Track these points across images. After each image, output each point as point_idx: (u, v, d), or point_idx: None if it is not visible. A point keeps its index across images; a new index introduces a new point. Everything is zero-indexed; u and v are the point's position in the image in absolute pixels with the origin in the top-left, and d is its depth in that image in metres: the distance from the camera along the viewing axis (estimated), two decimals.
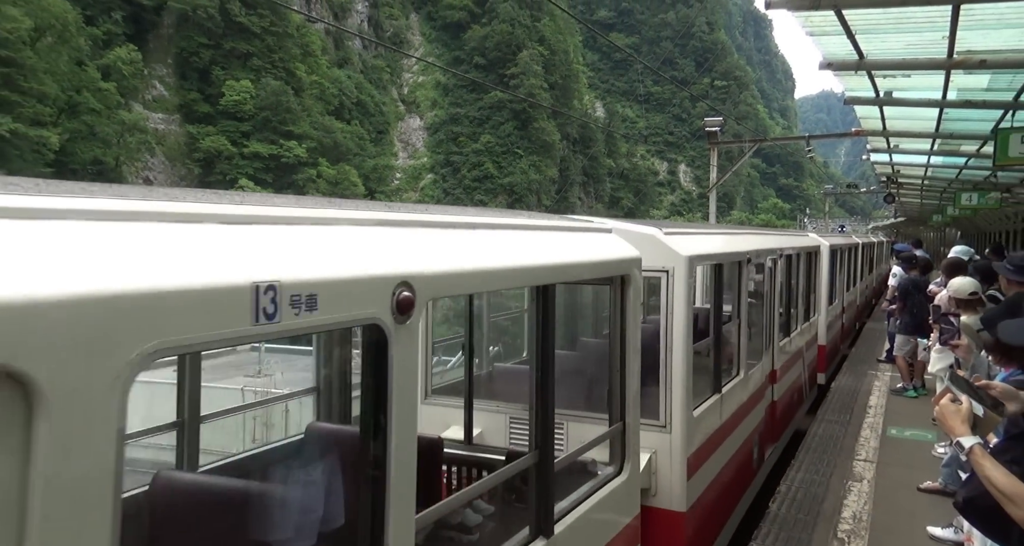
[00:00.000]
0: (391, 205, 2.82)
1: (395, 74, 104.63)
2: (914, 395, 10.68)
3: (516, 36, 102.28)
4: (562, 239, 3.66)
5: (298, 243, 1.88)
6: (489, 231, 3.01)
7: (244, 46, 71.75)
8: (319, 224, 2.05)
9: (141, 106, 63.47)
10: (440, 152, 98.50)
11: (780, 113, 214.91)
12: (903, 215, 48.71)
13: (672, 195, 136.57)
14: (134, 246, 1.45)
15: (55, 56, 49.84)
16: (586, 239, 3.92)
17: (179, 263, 1.50)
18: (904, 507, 6.44)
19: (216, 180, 64.17)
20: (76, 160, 49.98)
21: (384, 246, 2.24)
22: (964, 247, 10.96)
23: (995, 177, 16.42)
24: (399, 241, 2.35)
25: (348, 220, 2.21)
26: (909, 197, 30.63)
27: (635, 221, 5.43)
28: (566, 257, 3.46)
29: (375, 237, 2.25)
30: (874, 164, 21.71)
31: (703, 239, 5.94)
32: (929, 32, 7.00)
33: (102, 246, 1.38)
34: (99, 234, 1.40)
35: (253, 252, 1.71)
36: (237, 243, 1.70)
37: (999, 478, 2.14)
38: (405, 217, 2.55)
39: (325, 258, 1.91)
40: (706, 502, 5.50)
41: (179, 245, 1.55)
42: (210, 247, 1.62)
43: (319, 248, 1.94)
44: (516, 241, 3.19)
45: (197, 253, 1.57)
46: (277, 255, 1.76)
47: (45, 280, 1.21)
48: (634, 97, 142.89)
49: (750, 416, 7.13)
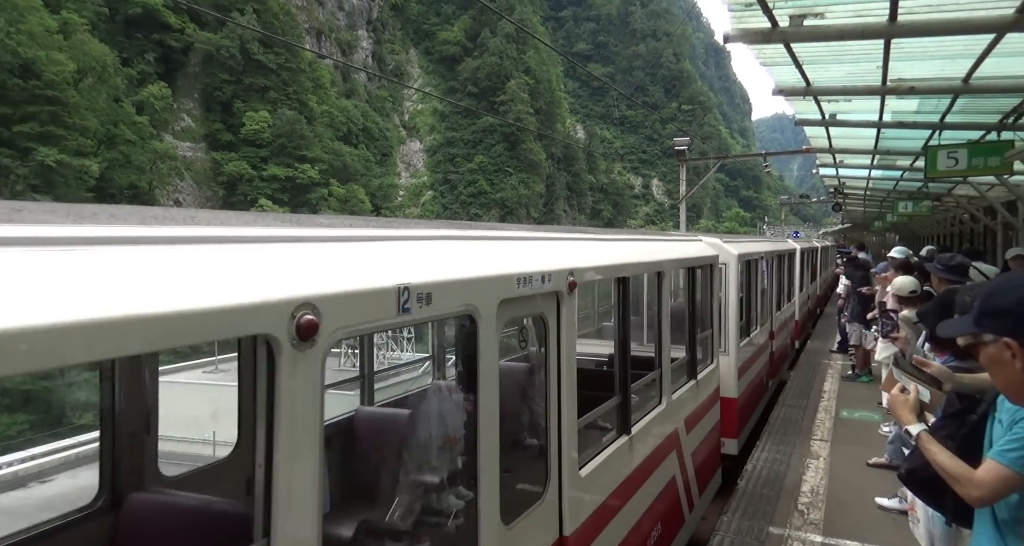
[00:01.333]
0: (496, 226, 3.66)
1: (397, 103, 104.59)
2: (867, 380, 10.78)
3: (504, 67, 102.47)
4: (684, 245, 6.07)
5: (414, 255, 2.35)
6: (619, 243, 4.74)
7: (262, 81, 71.59)
8: (424, 240, 2.56)
9: (171, 136, 63.19)
10: (439, 171, 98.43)
11: (740, 133, 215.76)
12: (849, 222, 48.99)
13: (647, 206, 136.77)
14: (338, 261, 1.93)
15: (95, 94, 49.63)
16: (690, 245, 6.21)
17: (355, 272, 1.92)
18: (855, 481, 6.50)
19: (238, 200, 63.89)
20: (114, 185, 49.69)
21: (482, 258, 2.76)
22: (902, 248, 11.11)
23: (927, 188, 16.56)
24: (505, 253, 3.07)
25: (440, 237, 2.73)
26: (854, 206, 30.80)
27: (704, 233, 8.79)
28: (683, 253, 5.75)
29: (460, 251, 2.70)
30: (823, 177, 21.81)
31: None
32: (865, 62, 7.08)
33: (318, 260, 1.85)
34: (324, 253, 1.91)
35: (396, 262, 2.16)
36: (387, 256, 2.18)
37: (945, 461, 2.18)
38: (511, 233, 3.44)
39: (434, 266, 2.35)
40: (746, 394, 8.33)
41: (357, 259, 2.02)
42: (371, 259, 2.08)
43: (429, 259, 2.41)
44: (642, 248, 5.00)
45: (370, 264, 2.04)
46: (411, 264, 2.22)
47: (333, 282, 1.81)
48: (611, 120, 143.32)
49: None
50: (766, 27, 5.78)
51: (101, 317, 1.19)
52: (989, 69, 6.67)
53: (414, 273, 2.13)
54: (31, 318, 1.10)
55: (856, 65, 7.25)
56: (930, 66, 7.03)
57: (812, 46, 6.65)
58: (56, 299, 1.16)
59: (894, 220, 24.60)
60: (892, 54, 6.45)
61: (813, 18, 5.67)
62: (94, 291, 1.22)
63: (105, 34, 56.50)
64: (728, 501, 6.21)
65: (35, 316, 1.11)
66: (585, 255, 3.77)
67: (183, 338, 1.36)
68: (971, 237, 21.53)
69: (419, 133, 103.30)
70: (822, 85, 8.03)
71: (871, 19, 5.55)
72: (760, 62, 7.31)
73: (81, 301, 1.19)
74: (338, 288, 1.79)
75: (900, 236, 35.20)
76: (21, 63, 43.21)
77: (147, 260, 1.40)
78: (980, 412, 2.33)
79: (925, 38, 6.04)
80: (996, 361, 1.96)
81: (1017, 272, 6.23)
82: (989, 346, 1.98)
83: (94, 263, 1.28)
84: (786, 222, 70.31)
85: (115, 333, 1.22)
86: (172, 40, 64.50)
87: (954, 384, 2.62)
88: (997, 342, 1.94)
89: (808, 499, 6.08)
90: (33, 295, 1.14)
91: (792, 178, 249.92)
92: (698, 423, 5.87)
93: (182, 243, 1.51)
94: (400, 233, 2.49)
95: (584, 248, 3.94)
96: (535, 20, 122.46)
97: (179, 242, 1.51)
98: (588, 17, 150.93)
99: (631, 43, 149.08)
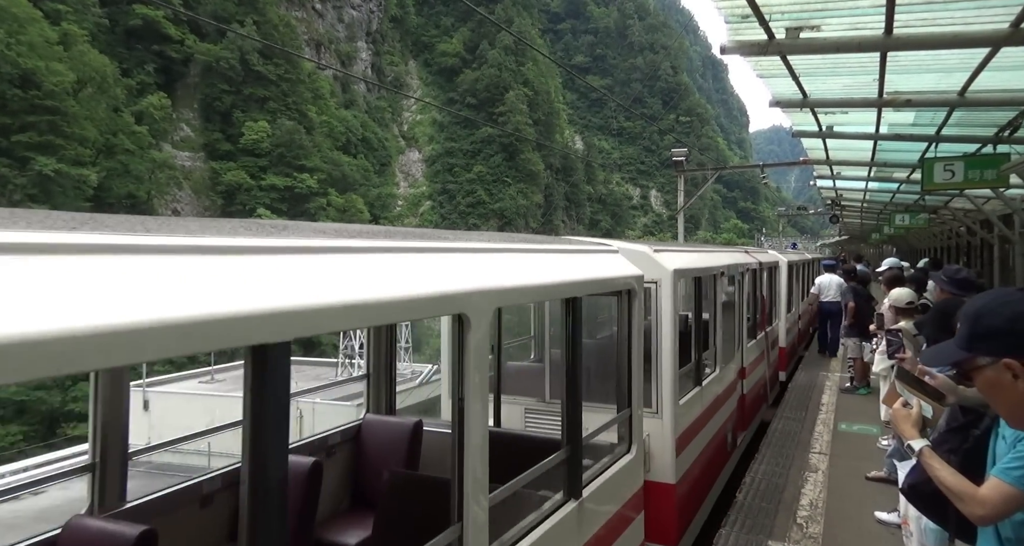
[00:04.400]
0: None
1: (396, 113, 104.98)
2: (865, 393, 10.72)
3: (503, 79, 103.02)
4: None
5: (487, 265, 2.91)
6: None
7: (261, 91, 71.80)
8: (496, 252, 3.10)
9: (170, 146, 63.24)
10: (437, 182, 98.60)
11: (737, 145, 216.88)
12: (847, 233, 49.11)
13: (645, 217, 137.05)
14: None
15: (94, 104, 49.66)
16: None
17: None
18: (854, 494, 6.45)
19: (237, 210, 63.85)
20: (112, 195, 49.65)
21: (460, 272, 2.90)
22: (894, 259, 11.12)
23: (923, 200, 16.64)
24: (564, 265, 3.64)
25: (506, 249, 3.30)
26: (851, 217, 30.92)
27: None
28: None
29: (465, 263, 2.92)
30: (820, 189, 21.92)
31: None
32: (862, 75, 7.13)
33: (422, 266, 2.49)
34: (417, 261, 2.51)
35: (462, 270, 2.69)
36: (480, 267, 2.83)
37: (947, 478, 2.13)
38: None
39: (505, 275, 2.93)
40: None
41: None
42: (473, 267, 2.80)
43: (497, 270, 2.93)
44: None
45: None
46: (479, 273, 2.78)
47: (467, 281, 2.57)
48: (609, 131, 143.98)
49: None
50: (763, 39, 5.82)
51: (380, 297, 2.07)
52: (985, 82, 6.71)
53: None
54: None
55: (853, 77, 7.30)
56: (926, 79, 7.07)
57: (809, 58, 6.69)
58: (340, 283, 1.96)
59: (891, 232, 24.67)
60: (888, 67, 6.50)
61: (809, 30, 5.71)
62: (374, 282, 2.12)
63: (105, 45, 56.69)
64: (727, 514, 6.15)
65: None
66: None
67: (426, 313, 2.34)
68: (968, 250, 21.57)
69: (418, 143, 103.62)
70: (819, 97, 8.08)
71: (867, 32, 5.59)
72: (757, 74, 7.35)
73: (383, 285, 2.15)
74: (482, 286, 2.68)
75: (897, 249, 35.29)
76: (21, 73, 43.31)
77: (400, 264, 2.36)
78: (984, 427, 2.30)
79: (921, 51, 6.08)
80: (995, 384, 1.89)
81: (996, 289, 6.23)
82: (986, 370, 1.90)
83: (372, 265, 2.22)
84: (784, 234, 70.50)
85: (394, 307, 2.13)
86: (172, 51, 64.72)
87: (957, 397, 2.59)
88: (996, 364, 1.87)
89: (807, 512, 6.03)
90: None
91: (790, 190, 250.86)
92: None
93: (416, 252, 2.55)
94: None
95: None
96: (534, 33, 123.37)
97: (419, 251, 2.57)
98: (586, 30, 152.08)
99: (629, 56, 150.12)
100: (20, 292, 1.16)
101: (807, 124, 9.72)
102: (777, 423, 9.26)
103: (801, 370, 13.20)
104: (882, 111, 8.41)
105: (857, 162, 12.84)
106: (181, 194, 62.96)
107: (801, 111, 8.81)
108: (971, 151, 9.42)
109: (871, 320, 9.13)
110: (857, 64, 6.75)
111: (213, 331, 1.44)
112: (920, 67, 6.68)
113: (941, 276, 5.62)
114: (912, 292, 6.79)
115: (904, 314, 6.61)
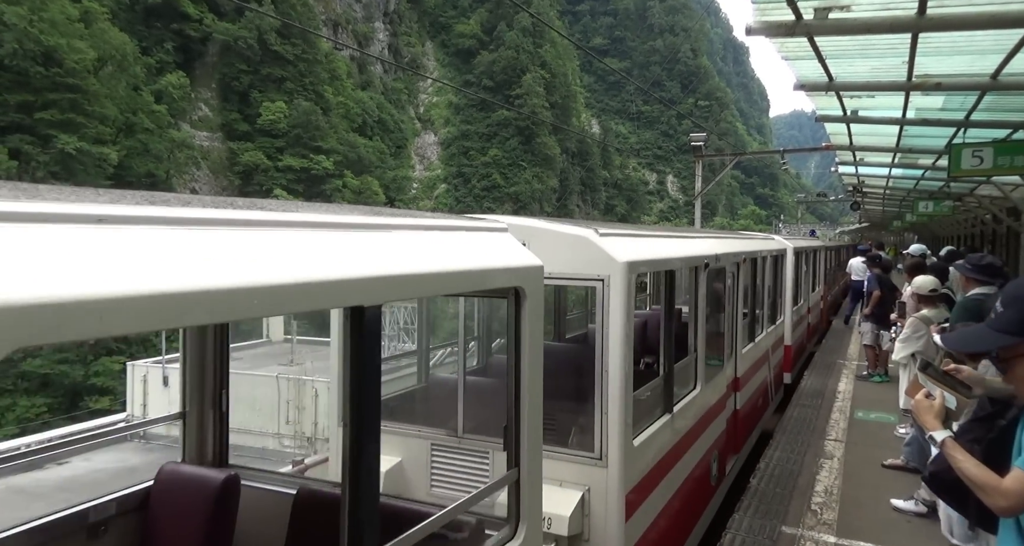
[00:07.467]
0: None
1: (412, 95, 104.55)
2: (879, 380, 10.64)
3: (520, 61, 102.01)
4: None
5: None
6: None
7: (279, 71, 71.80)
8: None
9: (188, 125, 63.61)
10: (453, 165, 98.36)
11: (757, 130, 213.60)
12: (867, 221, 48.42)
13: (661, 203, 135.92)
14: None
15: (115, 82, 50.00)
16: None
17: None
18: (870, 482, 6.42)
19: (254, 190, 64.25)
20: (132, 174, 50.14)
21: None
22: (919, 246, 10.94)
23: (948, 187, 16.32)
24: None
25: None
26: (872, 205, 30.43)
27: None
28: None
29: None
30: (842, 175, 21.58)
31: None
32: (891, 57, 6.96)
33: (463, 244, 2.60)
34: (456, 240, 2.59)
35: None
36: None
37: (970, 469, 2.12)
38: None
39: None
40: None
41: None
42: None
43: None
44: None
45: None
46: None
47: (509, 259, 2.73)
48: (626, 115, 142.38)
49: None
50: (790, 20, 5.69)
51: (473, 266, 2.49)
52: (1019, 65, 6.52)
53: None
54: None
55: (881, 60, 7.13)
56: (958, 61, 6.89)
57: (836, 40, 6.54)
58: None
59: (913, 220, 24.28)
60: (919, 49, 6.33)
61: (839, 11, 5.57)
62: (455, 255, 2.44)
63: (125, 23, 56.89)
64: (741, 499, 6.16)
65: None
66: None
67: (483, 285, 2.54)
68: (993, 238, 21.17)
69: (434, 126, 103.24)
70: (845, 80, 7.91)
71: (899, 12, 5.43)
72: (782, 56, 7.20)
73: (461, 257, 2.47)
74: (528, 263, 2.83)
75: (919, 236, 34.73)
76: (43, 51, 43.65)
77: (471, 242, 2.64)
78: (1010, 417, 2.26)
79: (955, 32, 5.91)
80: None
81: None
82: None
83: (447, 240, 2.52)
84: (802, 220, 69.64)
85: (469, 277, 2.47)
86: (191, 30, 64.80)
87: (985, 389, 2.55)
88: None
89: (822, 499, 6.02)
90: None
91: (809, 176, 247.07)
92: None
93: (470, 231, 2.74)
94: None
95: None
96: (552, 14, 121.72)
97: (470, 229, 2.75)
98: (605, 11, 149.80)
99: (648, 38, 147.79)
100: (191, 257, 1.45)
101: (831, 108, 9.53)
102: (792, 410, 9.22)
103: (809, 375, 11.51)
104: (910, 95, 8.22)
105: (881, 148, 12.59)
106: (199, 174, 63.47)
107: (826, 95, 8.64)
108: (1001, 137, 9.19)
109: (891, 308, 9.03)
110: (887, 45, 6.58)
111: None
112: (952, 49, 6.49)
113: (965, 264, 5.54)
114: (935, 280, 6.70)
115: (927, 302, 6.52)
